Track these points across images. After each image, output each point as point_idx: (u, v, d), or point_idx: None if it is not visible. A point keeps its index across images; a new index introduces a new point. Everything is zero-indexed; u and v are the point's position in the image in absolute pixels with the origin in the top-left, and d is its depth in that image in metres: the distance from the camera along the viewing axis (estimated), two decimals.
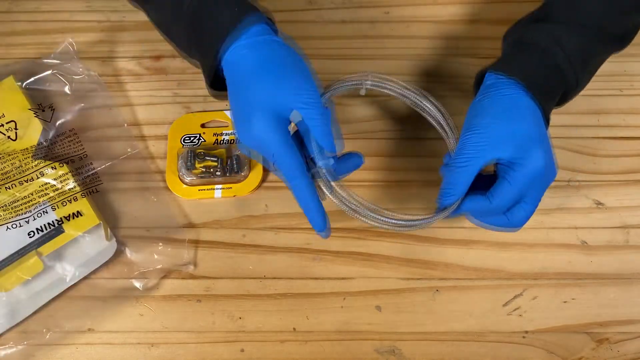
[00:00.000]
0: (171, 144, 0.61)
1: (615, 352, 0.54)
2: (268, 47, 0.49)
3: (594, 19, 0.50)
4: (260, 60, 0.48)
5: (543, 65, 0.50)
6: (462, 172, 0.48)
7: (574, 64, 0.50)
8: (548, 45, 0.50)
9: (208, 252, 0.57)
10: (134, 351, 0.53)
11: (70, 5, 0.68)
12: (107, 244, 0.55)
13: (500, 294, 0.55)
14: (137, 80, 0.64)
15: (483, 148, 0.48)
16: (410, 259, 0.57)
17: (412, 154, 0.61)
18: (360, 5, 0.69)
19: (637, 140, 0.62)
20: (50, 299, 0.54)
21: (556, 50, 0.49)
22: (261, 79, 0.47)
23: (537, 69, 0.50)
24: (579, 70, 0.50)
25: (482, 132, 0.48)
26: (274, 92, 0.47)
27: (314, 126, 0.47)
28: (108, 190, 0.59)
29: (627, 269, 0.56)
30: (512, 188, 0.47)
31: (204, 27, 0.50)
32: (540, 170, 0.47)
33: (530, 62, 0.50)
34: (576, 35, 0.50)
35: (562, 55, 0.49)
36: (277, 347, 0.54)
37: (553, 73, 0.50)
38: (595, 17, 0.50)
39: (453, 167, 0.49)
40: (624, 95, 0.64)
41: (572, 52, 0.49)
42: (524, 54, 0.50)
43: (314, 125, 0.47)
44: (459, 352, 0.54)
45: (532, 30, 0.51)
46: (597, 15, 0.50)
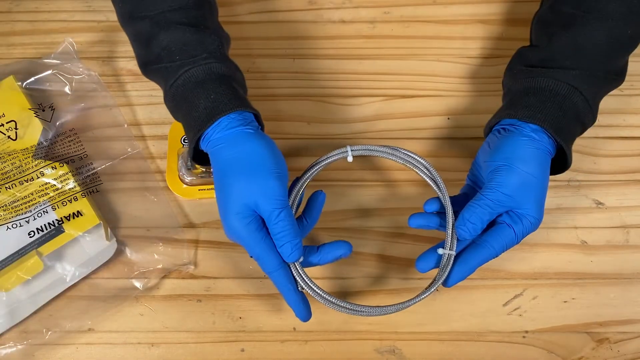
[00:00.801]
0: (171, 144, 0.61)
1: (615, 352, 0.54)
2: (240, 141, 0.49)
3: (600, 61, 0.51)
4: (231, 158, 0.49)
5: (565, 110, 0.50)
6: (488, 213, 0.49)
7: (592, 105, 0.51)
8: (568, 93, 0.50)
9: (208, 252, 0.57)
10: (134, 351, 0.53)
11: (70, 5, 0.68)
12: (107, 244, 0.55)
13: (500, 293, 0.55)
14: (137, 80, 0.64)
15: (511, 199, 0.48)
16: (410, 259, 0.57)
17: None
18: (360, 5, 0.69)
19: (637, 140, 0.62)
20: (50, 299, 0.54)
21: (576, 97, 0.50)
22: (232, 178, 0.48)
23: (560, 114, 0.50)
24: (596, 111, 0.52)
25: (517, 181, 0.48)
26: (244, 193, 0.48)
27: (274, 233, 0.48)
28: (108, 190, 0.59)
29: (627, 269, 0.56)
30: (515, 240, 0.49)
31: (183, 114, 0.52)
32: (533, 231, 0.50)
33: (553, 108, 0.50)
34: (590, 80, 0.51)
35: (582, 100, 0.51)
36: (277, 347, 0.54)
37: (574, 117, 0.51)
38: (601, 59, 0.51)
39: (481, 206, 0.49)
40: (624, 95, 0.64)
41: (589, 96, 0.51)
42: (544, 101, 0.51)
43: (274, 232, 0.48)
44: (459, 352, 0.54)
45: (548, 77, 0.51)
46: (601, 57, 0.51)
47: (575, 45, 0.52)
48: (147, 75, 0.55)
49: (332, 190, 0.59)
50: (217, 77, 0.51)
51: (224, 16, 0.61)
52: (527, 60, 0.54)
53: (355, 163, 0.60)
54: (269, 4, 0.69)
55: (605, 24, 0.51)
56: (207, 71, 0.51)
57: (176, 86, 0.51)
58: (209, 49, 0.52)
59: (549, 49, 0.53)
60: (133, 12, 0.53)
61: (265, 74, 0.65)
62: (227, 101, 0.50)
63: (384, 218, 0.58)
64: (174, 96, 0.52)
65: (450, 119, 0.63)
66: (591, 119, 0.52)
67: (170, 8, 0.52)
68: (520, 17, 0.68)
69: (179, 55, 0.51)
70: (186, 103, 0.51)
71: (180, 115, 0.52)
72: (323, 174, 0.59)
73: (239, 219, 0.48)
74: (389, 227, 0.58)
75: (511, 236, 0.49)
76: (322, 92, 0.64)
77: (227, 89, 0.51)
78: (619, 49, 0.53)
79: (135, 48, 0.55)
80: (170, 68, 0.51)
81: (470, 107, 0.63)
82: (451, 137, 0.62)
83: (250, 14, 0.68)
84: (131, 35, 0.55)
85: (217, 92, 0.50)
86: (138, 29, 0.53)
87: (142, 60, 0.55)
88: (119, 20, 0.55)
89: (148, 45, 0.52)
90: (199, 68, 0.51)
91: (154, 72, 0.54)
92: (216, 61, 0.51)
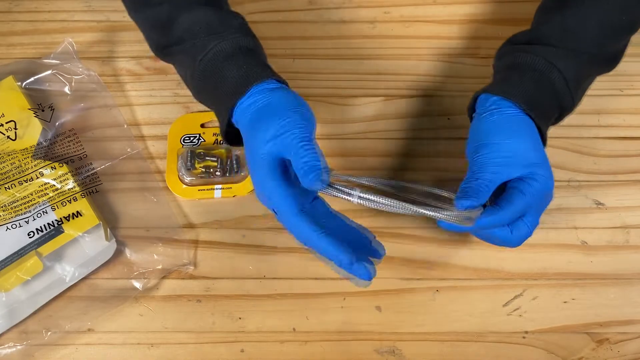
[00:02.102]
0: (171, 144, 0.61)
1: (615, 352, 0.54)
2: (269, 94, 0.48)
3: (588, 43, 0.51)
4: (258, 108, 0.48)
5: (541, 87, 0.50)
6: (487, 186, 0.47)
7: (571, 87, 0.51)
8: (546, 69, 0.50)
9: (208, 252, 0.57)
10: (134, 351, 0.53)
11: (70, 5, 0.68)
12: (106, 244, 0.55)
13: (500, 294, 0.55)
14: (137, 80, 0.64)
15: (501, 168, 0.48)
16: (410, 259, 0.57)
17: (413, 153, 0.61)
18: (360, 5, 0.69)
19: (637, 140, 0.62)
20: (50, 299, 0.54)
21: (554, 74, 0.50)
22: (258, 123, 0.47)
23: (535, 91, 0.50)
24: (574, 91, 0.51)
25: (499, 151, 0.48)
26: (268, 132, 0.46)
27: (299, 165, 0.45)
28: (108, 190, 0.59)
29: (627, 269, 0.56)
30: (525, 199, 0.47)
31: (213, 89, 0.51)
32: (547, 190, 0.48)
33: (529, 84, 0.50)
34: (571, 59, 0.51)
35: (560, 79, 0.50)
36: (277, 347, 0.54)
37: (550, 95, 0.50)
38: (589, 42, 0.51)
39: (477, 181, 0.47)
40: (624, 95, 0.64)
41: (568, 75, 0.50)
42: (522, 76, 0.51)
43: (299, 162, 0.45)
44: (459, 352, 0.54)
45: (527, 52, 0.51)
46: (590, 40, 0.51)
47: (564, 26, 0.51)
48: (166, 58, 0.55)
49: None
50: (246, 50, 0.51)
51: None
52: (514, 40, 0.54)
53: (356, 163, 0.60)
54: (269, 4, 0.69)
55: (600, 8, 0.51)
56: (236, 45, 0.51)
57: (206, 61, 0.51)
58: (234, 24, 0.52)
59: (537, 29, 0.53)
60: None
61: None
62: (260, 71, 0.50)
63: (384, 218, 0.58)
64: (204, 71, 0.51)
65: (450, 119, 0.63)
66: (569, 100, 0.51)
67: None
68: (520, 17, 0.67)
69: (205, 33, 0.51)
70: (217, 76, 0.50)
71: (210, 88, 0.51)
72: None
73: (264, 162, 0.46)
74: (389, 227, 0.58)
75: (518, 194, 0.47)
76: (322, 92, 0.64)
77: (257, 60, 0.51)
78: (612, 34, 0.52)
79: (150, 34, 0.55)
80: (197, 44, 0.51)
81: None
82: (451, 137, 0.62)
83: (251, 14, 0.68)
84: (146, 21, 0.54)
85: (248, 63, 0.50)
86: (155, 14, 0.53)
87: (160, 44, 0.54)
88: (130, 8, 0.55)
89: (168, 28, 0.52)
90: (227, 42, 0.50)
91: (177, 53, 0.53)
92: (243, 35, 0.51)
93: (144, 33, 0.56)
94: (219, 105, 0.51)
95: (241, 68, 0.50)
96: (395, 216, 0.58)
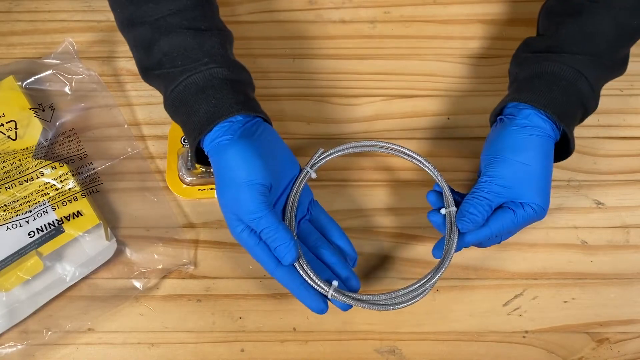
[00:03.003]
0: (171, 144, 0.61)
1: (615, 352, 0.54)
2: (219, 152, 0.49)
3: (606, 48, 0.52)
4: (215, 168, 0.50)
5: (569, 96, 0.51)
6: (488, 205, 0.49)
7: (596, 91, 0.52)
8: (574, 77, 0.51)
9: (208, 252, 0.57)
10: (134, 351, 0.53)
11: (70, 5, 0.68)
12: (107, 244, 0.55)
13: (500, 294, 0.55)
14: (137, 80, 0.64)
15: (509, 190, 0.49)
16: (410, 259, 0.57)
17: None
18: (360, 5, 0.69)
19: (637, 140, 0.62)
20: (50, 299, 0.54)
21: (581, 82, 0.51)
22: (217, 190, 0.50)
23: (564, 101, 0.50)
24: (598, 96, 0.53)
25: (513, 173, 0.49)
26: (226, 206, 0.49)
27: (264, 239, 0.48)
28: (108, 190, 0.59)
29: (627, 269, 0.56)
30: (515, 225, 0.50)
31: (181, 121, 0.52)
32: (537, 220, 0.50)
33: (558, 94, 0.50)
34: (595, 66, 0.51)
35: (587, 86, 0.51)
36: (277, 347, 0.54)
37: (577, 103, 0.51)
38: (607, 46, 0.52)
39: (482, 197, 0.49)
40: (624, 95, 0.64)
41: (593, 80, 0.51)
42: (551, 86, 0.51)
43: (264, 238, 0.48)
44: (459, 352, 0.54)
45: (554, 61, 0.52)
46: (608, 45, 0.52)
47: (583, 32, 0.52)
48: (148, 81, 0.55)
49: (332, 190, 0.59)
50: (219, 81, 0.51)
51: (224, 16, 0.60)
52: (533, 47, 0.54)
53: (355, 163, 0.60)
54: (269, 4, 0.69)
55: (613, 13, 0.51)
56: (208, 77, 0.50)
57: (176, 92, 0.51)
58: (210, 52, 0.52)
59: (556, 36, 0.53)
60: (132, 17, 0.52)
61: (266, 73, 0.65)
62: (227, 107, 0.50)
63: (384, 218, 0.58)
64: (174, 101, 0.52)
65: (450, 119, 0.63)
66: (594, 105, 0.53)
67: (169, 12, 0.51)
68: (520, 17, 0.68)
69: (181, 61, 0.51)
70: (186, 108, 0.51)
71: (179, 119, 0.52)
72: (323, 174, 0.59)
73: (232, 228, 0.49)
74: (389, 227, 0.58)
75: (510, 218, 0.49)
76: (322, 92, 0.64)
77: (229, 93, 0.50)
78: (626, 39, 0.53)
79: (135, 54, 0.55)
80: (171, 74, 0.51)
81: (470, 107, 0.63)
82: (451, 137, 0.62)
83: (250, 14, 0.68)
84: (131, 41, 0.54)
85: (217, 97, 0.50)
86: (138, 35, 0.53)
87: (142, 65, 0.54)
88: (119, 27, 0.55)
89: (149, 50, 0.52)
90: (199, 75, 0.50)
91: (155, 77, 0.53)
92: (218, 65, 0.51)
93: (131, 52, 0.56)
94: (188, 135, 0.52)
95: (209, 103, 0.50)
96: (395, 216, 0.58)
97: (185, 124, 0.52)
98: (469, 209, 0.49)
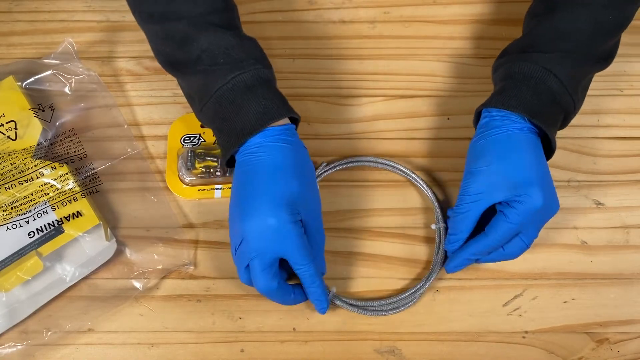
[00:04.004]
0: (171, 144, 0.61)
1: (615, 352, 0.54)
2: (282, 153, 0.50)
3: (581, 44, 0.51)
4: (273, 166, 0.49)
5: (539, 94, 0.50)
6: (464, 219, 0.51)
7: (569, 88, 0.51)
8: (541, 75, 0.50)
9: (208, 252, 0.57)
10: (134, 351, 0.53)
11: (70, 5, 0.68)
12: (107, 244, 0.55)
13: (500, 294, 0.55)
14: (137, 80, 0.64)
15: (481, 195, 0.50)
16: (410, 259, 0.57)
17: (413, 154, 0.61)
18: (360, 5, 0.69)
19: (637, 140, 0.62)
20: (50, 299, 0.54)
21: (550, 78, 0.50)
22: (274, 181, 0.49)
23: (534, 98, 0.50)
24: (574, 93, 0.51)
25: (480, 179, 0.50)
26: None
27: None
28: (108, 190, 0.59)
29: (627, 269, 0.56)
30: (510, 225, 0.49)
31: (223, 120, 0.51)
32: (538, 209, 0.49)
33: (527, 92, 0.50)
34: (566, 61, 0.51)
35: (557, 82, 0.50)
36: (277, 347, 0.54)
37: (550, 100, 0.51)
38: (582, 42, 0.51)
39: (456, 214, 0.52)
40: (624, 95, 0.64)
41: (564, 77, 0.50)
42: (519, 86, 0.51)
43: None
44: (459, 352, 0.54)
45: (522, 60, 0.52)
46: (583, 41, 0.51)
47: (556, 30, 0.52)
48: (176, 73, 0.54)
49: (332, 190, 0.59)
50: (265, 82, 0.51)
51: None
52: (507, 51, 0.55)
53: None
54: (269, 4, 0.69)
55: (589, 9, 0.51)
56: (256, 77, 0.51)
57: (224, 90, 0.50)
58: (254, 54, 0.52)
59: (529, 36, 0.54)
60: (165, 12, 0.51)
61: None
62: (277, 108, 0.50)
63: (383, 218, 0.58)
64: (220, 99, 0.51)
65: (450, 119, 0.63)
66: (569, 101, 0.51)
67: (206, 11, 0.51)
68: (520, 17, 0.67)
69: (223, 59, 0.51)
70: (234, 107, 0.50)
71: (220, 119, 0.51)
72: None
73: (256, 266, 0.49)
74: (388, 227, 0.58)
75: (502, 219, 0.49)
76: (322, 92, 0.64)
77: (275, 94, 0.52)
78: (604, 34, 0.52)
79: (162, 46, 0.54)
80: (215, 72, 0.51)
81: (470, 107, 0.63)
82: (451, 137, 0.62)
83: (250, 14, 0.68)
84: (159, 34, 0.53)
85: (266, 97, 0.50)
86: (171, 29, 0.52)
87: (174, 59, 0.53)
88: (140, 18, 0.54)
89: (184, 46, 0.51)
90: (247, 74, 0.50)
91: (191, 72, 0.52)
92: (262, 66, 0.52)
93: (153, 44, 0.55)
94: (230, 134, 0.51)
95: (259, 103, 0.50)
96: (395, 216, 0.58)
97: (229, 123, 0.51)
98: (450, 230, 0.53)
